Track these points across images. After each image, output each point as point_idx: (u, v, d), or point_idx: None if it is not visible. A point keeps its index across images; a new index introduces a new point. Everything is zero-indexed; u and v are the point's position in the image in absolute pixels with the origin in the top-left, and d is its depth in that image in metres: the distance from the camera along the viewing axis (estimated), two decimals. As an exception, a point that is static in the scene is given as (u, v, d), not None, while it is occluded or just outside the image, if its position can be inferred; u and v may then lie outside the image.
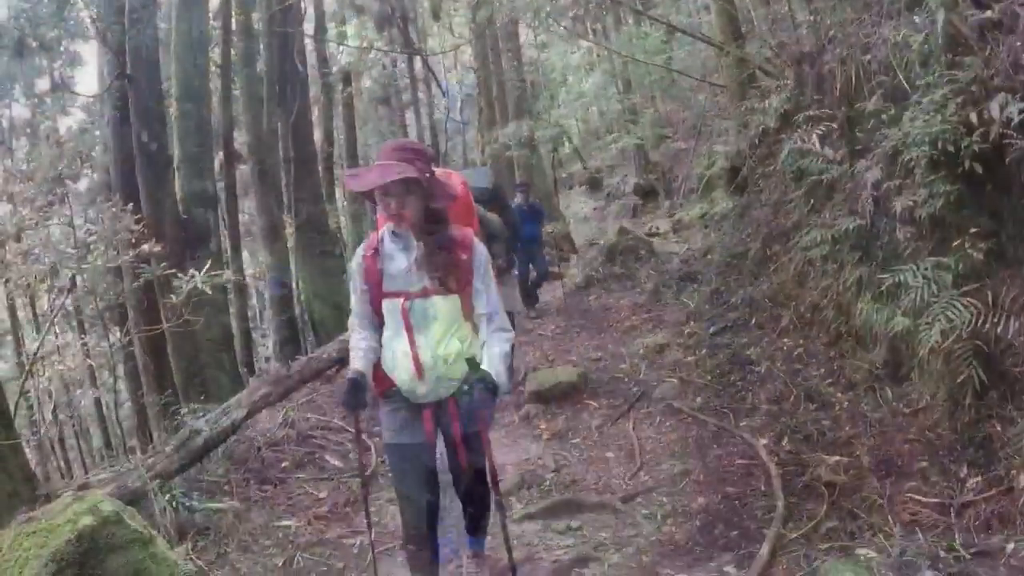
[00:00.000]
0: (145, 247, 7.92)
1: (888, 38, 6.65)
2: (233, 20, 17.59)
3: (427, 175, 3.68)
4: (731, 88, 13.86)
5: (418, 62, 28.70)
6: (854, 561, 4.36)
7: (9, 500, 5.80)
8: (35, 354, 13.01)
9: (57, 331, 20.20)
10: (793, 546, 4.82)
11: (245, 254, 22.50)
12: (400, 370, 3.88)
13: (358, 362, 3.84)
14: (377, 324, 3.98)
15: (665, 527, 5.45)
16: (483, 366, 3.72)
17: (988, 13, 5.64)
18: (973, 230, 5.55)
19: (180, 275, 7.16)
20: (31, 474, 6.33)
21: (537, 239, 13.29)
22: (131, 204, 10.65)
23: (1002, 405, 5.23)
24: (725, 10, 13.49)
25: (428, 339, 3.81)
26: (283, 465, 6.96)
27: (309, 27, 22.58)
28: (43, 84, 22.14)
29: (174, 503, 5.66)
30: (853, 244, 7.09)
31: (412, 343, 3.81)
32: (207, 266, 7.47)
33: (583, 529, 5.56)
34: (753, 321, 9.22)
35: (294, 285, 17.24)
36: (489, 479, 3.97)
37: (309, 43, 22.65)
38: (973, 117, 5.36)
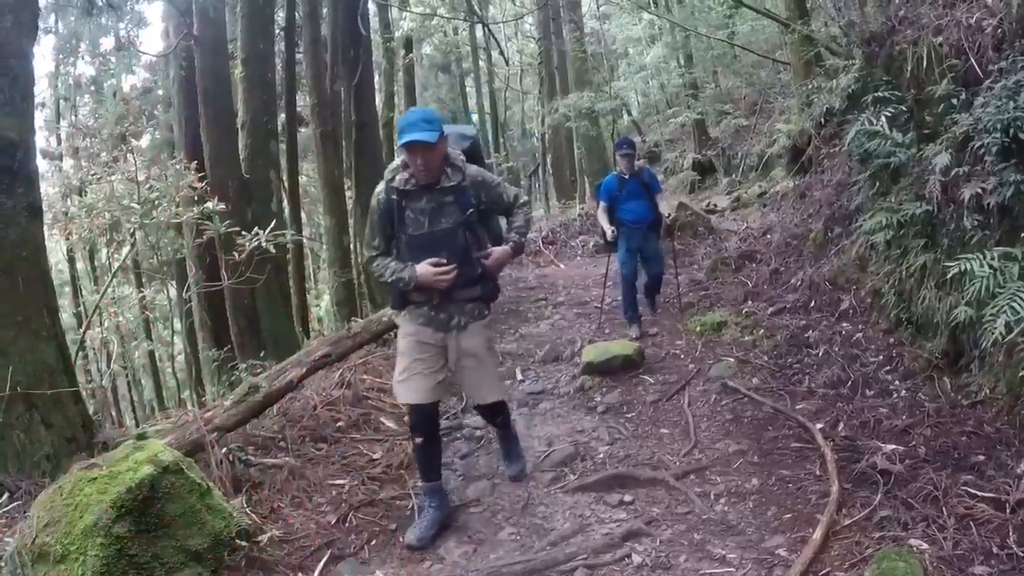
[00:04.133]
0: (209, 205, 8.02)
1: (961, 20, 6.54)
2: (299, -18, 17.69)
3: None
4: (795, 66, 13.69)
5: (480, 30, 28.67)
6: (907, 552, 4.34)
7: (68, 445, 5.97)
8: (96, 305, 13.25)
9: (115, 284, 20.68)
10: (846, 533, 4.80)
11: (302, 215, 22.73)
12: None
13: None
14: None
15: (718, 506, 5.45)
16: None
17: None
18: (1043, 221, 5.47)
19: (244, 233, 7.25)
20: (89, 421, 6.48)
21: (647, 221, 9.73)
22: (195, 162, 10.83)
23: (1064, 401, 5.17)
24: (791, -15, 13.33)
25: None
26: (338, 425, 7.05)
27: (373, -9, 22.63)
28: (107, 43, 22.50)
29: (231, 456, 5.77)
30: (918, 230, 6.98)
31: None
32: (272, 225, 7.55)
33: (635, 504, 5.58)
34: (812, 303, 9.14)
35: (351, 247, 17.36)
36: None
37: (372, 8, 22.71)
38: (1047, 105, 5.28)
